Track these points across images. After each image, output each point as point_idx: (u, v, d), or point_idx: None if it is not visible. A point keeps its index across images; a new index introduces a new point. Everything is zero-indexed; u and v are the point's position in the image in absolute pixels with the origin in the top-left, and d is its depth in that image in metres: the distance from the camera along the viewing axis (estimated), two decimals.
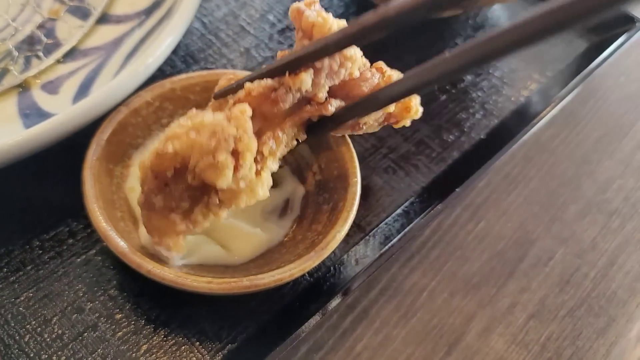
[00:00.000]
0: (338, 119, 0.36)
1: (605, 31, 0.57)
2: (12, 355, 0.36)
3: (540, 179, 0.49)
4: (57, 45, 0.45)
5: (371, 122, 0.37)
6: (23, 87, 0.43)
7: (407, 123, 0.39)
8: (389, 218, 0.43)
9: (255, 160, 0.32)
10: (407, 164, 0.46)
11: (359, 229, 0.43)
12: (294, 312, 0.39)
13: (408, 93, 0.34)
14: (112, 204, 0.39)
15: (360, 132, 0.39)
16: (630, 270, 0.45)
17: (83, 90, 0.42)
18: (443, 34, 0.55)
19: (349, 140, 0.41)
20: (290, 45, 0.53)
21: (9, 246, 0.40)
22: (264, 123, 0.34)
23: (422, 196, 0.44)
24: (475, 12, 0.58)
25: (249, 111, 0.32)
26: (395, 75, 0.37)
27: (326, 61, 0.33)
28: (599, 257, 0.46)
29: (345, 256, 0.41)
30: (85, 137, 0.39)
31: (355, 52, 0.34)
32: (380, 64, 0.38)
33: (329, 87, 0.35)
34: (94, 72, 0.43)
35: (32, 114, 0.41)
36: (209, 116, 0.32)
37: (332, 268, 0.40)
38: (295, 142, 0.36)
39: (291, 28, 0.54)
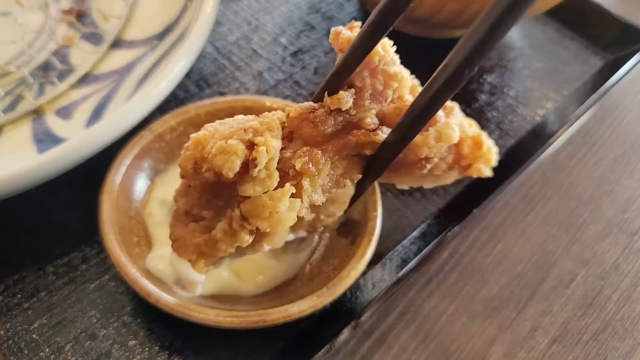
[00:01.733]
0: (392, 147, 0.31)
1: (620, 49, 0.56)
2: None
3: (559, 199, 0.49)
4: (70, 71, 0.45)
5: (436, 159, 0.33)
6: (37, 113, 0.43)
7: (482, 171, 0.34)
8: (406, 240, 0.43)
9: (286, 174, 0.30)
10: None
11: (375, 253, 0.42)
12: (309, 338, 0.38)
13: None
14: (129, 230, 0.38)
15: (425, 182, 0.35)
16: None
17: (96, 115, 0.42)
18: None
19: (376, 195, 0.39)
20: (303, 68, 0.53)
21: (22, 272, 0.39)
22: (304, 146, 0.31)
23: (439, 218, 0.44)
24: None
25: (279, 115, 0.30)
26: (457, 108, 0.34)
27: (367, 80, 0.30)
28: (622, 279, 0.45)
29: (361, 280, 0.40)
30: (99, 161, 0.39)
31: (400, 70, 0.31)
32: None
33: (380, 116, 0.32)
34: (106, 97, 0.44)
35: (45, 140, 0.41)
36: (241, 116, 0.31)
37: (348, 293, 0.40)
38: (348, 183, 0.32)
39: (303, 50, 0.54)
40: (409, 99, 0.33)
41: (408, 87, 0.32)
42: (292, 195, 0.29)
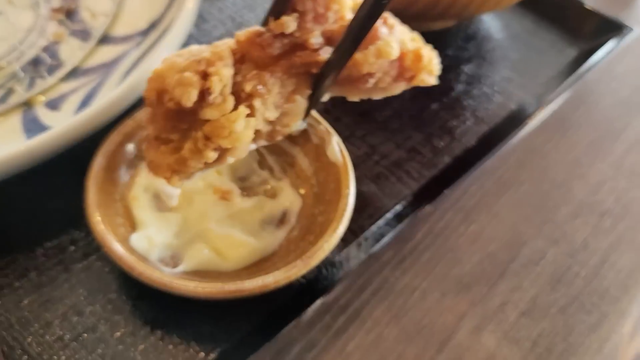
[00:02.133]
0: (334, 65, 0.35)
1: (595, 38, 0.58)
2: (15, 356, 0.37)
3: (532, 182, 0.50)
4: (60, 65, 0.48)
5: (379, 74, 0.36)
6: (27, 105, 0.45)
7: (426, 81, 0.38)
8: (380, 220, 0.44)
9: (239, 97, 0.33)
10: (399, 170, 0.48)
11: (351, 232, 0.44)
12: (286, 312, 0.40)
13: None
14: (114, 212, 0.40)
15: (373, 94, 0.38)
16: (623, 268, 0.46)
17: (84, 106, 0.45)
18: (435, 45, 0.57)
19: (345, 153, 0.42)
20: None
21: (13, 254, 0.41)
22: (254, 68, 0.34)
23: (413, 199, 0.46)
24: (466, 24, 0.60)
25: (230, 43, 0.33)
26: (398, 24, 0.37)
27: (309, 4, 0.34)
28: (590, 257, 0.46)
29: (337, 258, 0.42)
30: (86, 150, 0.41)
31: None
32: (384, 15, 0.37)
33: (327, 36, 0.35)
34: (94, 89, 0.46)
35: (35, 129, 0.43)
36: (195, 47, 0.34)
37: (324, 270, 0.41)
38: (298, 98, 0.36)
39: None
40: (350, 17, 0.36)
41: (349, 7, 0.35)
42: (247, 115, 0.33)
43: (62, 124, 0.41)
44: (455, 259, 0.45)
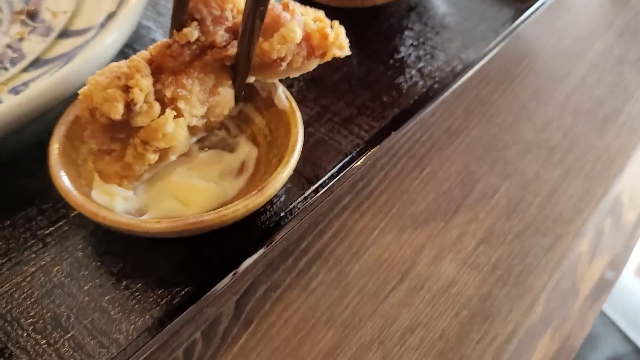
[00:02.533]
0: (242, 55, 0.39)
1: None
2: None
3: (481, 128, 0.53)
4: (21, 57, 0.50)
5: (290, 57, 0.40)
6: None
7: (338, 54, 0.41)
8: (336, 168, 0.46)
9: (164, 102, 0.37)
10: (351, 124, 0.50)
11: (308, 182, 0.45)
12: (248, 255, 0.41)
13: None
14: (78, 174, 0.42)
15: (291, 74, 0.41)
16: (574, 194, 0.47)
17: None
18: (378, 16, 0.60)
19: (293, 101, 0.44)
20: None
21: None
22: (172, 75, 0.38)
23: (366, 147, 0.47)
24: None
25: (144, 55, 0.37)
26: (298, 8, 0.41)
27: (204, 10, 0.37)
28: (542, 186, 0.48)
29: (296, 204, 0.44)
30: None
31: None
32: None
33: (232, 31, 0.39)
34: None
35: None
36: (114, 64, 0.37)
37: (285, 216, 0.43)
38: (220, 90, 0.40)
39: None
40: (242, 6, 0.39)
41: (242, 1, 0.38)
42: (175, 117, 0.37)
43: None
44: (411, 199, 0.47)
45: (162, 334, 0.37)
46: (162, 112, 0.37)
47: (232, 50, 0.39)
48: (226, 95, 0.41)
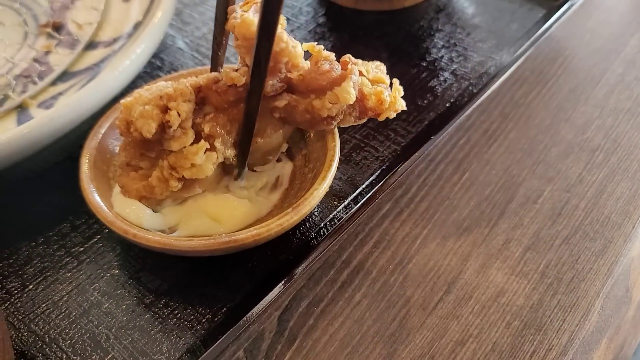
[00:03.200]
0: (292, 111, 0.38)
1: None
2: (23, 337, 0.37)
3: (519, 130, 0.51)
4: (49, 71, 0.50)
5: (342, 116, 0.38)
6: (21, 108, 0.47)
7: (393, 115, 0.39)
8: (373, 176, 0.45)
9: (200, 135, 0.37)
10: (386, 129, 0.48)
11: (347, 189, 0.44)
12: (289, 269, 0.40)
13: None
14: (108, 187, 0.41)
15: (347, 125, 0.40)
16: (621, 196, 0.46)
17: None
18: (407, 19, 0.59)
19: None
20: None
21: (15, 245, 0.42)
22: (214, 110, 0.38)
23: (403, 152, 0.46)
24: None
25: (194, 82, 0.37)
26: (358, 66, 0.38)
27: None
28: (587, 189, 0.46)
29: (335, 213, 0.42)
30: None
31: (287, 44, 0.36)
32: (346, 57, 0.39)
33: (285, 82, 0.37)
34: (82, 88, 0.47)
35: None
36: (162, 82, 0.37)
37: (324, 228, 0.42)
38: (259, 140, 0.39)
39: None
40: (305, 65, 0.38)
41: (300, 56, 0.37)
42: (208, 150, 0.36)
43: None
44: (453, 206, 0.46)
45: (206, 355, 0.35)
46: (197, 141, 0.37)
47: (282, 102, 0.38)
48: (272, 141, 0.40)
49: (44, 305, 0.39)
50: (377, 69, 0.40)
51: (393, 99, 0.39)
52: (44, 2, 0.57)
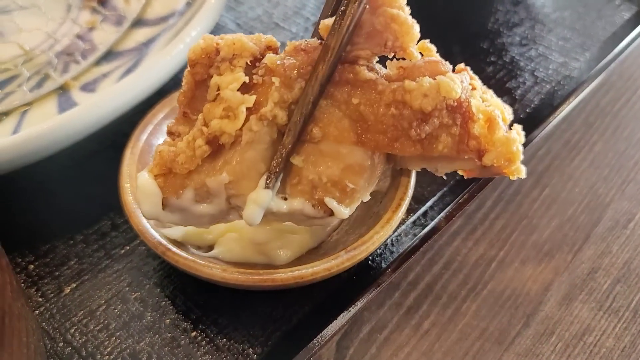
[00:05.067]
0: (372, 103, 0.30)
1: None
2: (58, 348, 0.34)
3: (605, 142, 0.46)
4: (93, 50, 0.46)
5: (436, 121, 0.29)
6: (63, 89, 0.43)
7: (507, 168, 0.29)
8: (444, 188, 0.40)
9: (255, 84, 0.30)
10: None
11: (414, 202, 0.40)
12: (351, 290, 0.36)
13: None
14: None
15: (445, 167, 0.31)
16: None
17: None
18: (481, 11, 0.53)
19: None
20: None
21: (53, 242, 0.38)
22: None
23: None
24: None
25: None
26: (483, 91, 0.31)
27: (367, 16, 0.29)
28: None
29: (402, 229, 0.38)
30: (126, 137, 0.38)
31: (406, 16, 0.29)
32: (460, 65, 0.31)
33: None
34: (128, 70, 0.43)
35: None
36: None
37: (388, 243, 0.37)
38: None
39: None
40: (417, 56, 0.30)
41: (414, 38, 0.29)
42: (257, 103, 0.30)
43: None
44: (532, 225, 0.41)
45: None
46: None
47: (362, 74, 0.30)
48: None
49: (80, 313, 0.35)
50: (495, 100, 0.31)
51: (510, 138, 0.28)
52: None
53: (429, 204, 0.40)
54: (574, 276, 0.38)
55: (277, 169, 0.30)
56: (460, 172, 0.32)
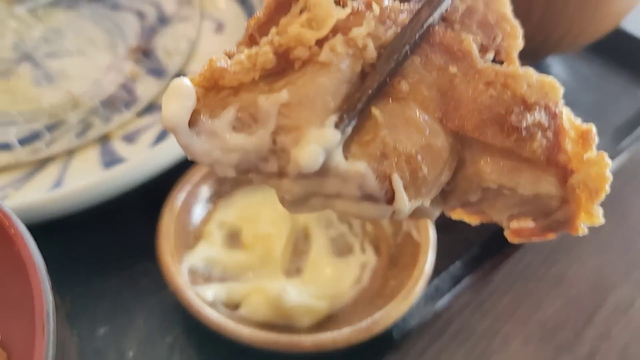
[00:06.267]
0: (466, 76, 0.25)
1: None
2: None
3: (613, 226, 0.48)
4: (136, 101, 0.49)
5: (537, 115, 0.24)
6: (105, 139, 0.46)
7: (590, 219, 0.26)
8: (458, 262, 0.43)
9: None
10: None
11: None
12: (361, 356, 0.38)
13: None
14: (186, 244, 0.40)
15: (527, 186, 0.26)
16: None
17: (159, 140, 0.45)
18: None
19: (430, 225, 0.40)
20: None
21: (89, 281, 0.41)
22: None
23: (489, 241, 0.44)
24: (534, 68, 0.59)
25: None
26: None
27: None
28: None
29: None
30: (162, 188, 0.41)
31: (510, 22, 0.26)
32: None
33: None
34: None
35: (112, 162, 0.43)
36: None
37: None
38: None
39: None
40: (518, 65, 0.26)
41: (520, 45, 0.26)
42: (347, 29, 0.24)
43: (138, 156, 0.41)
44: (537, 302, 0.43)
45: None
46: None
47: (468, 43, 0.25)
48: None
49: (113, 354, 0.38)
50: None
51: (600, 155, 0.25)
52: (134, 21, 0.56)
53: (442, 275, 0.42)
54: (575, 356, 0.40)
55: (355, 109, 0.24)
56: (509, 238, 0.28)
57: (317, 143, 0.23)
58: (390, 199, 0.24)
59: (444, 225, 0.44)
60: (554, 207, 0.26)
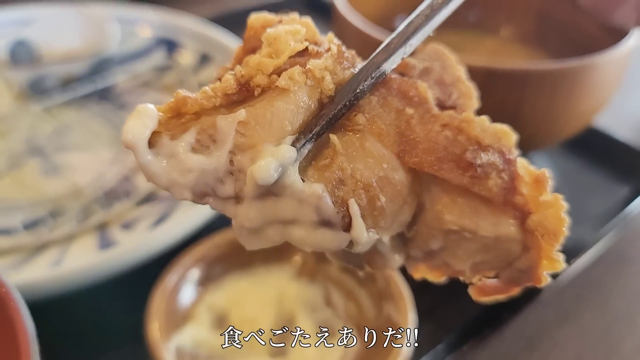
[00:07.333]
0: (422, 120, 0.27)
1: None
2: None
3: (593, 313, 0.49)
4: (136, 191, 0.52)
5: (490, 156, 0.26)
6: (104, 226, 0.48)
7: (549, 258, 0.27)
8: (439, 346, 0.44)
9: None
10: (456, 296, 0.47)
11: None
12: None
13: None
14: (175, 324, 0.41)
15: (488, 227, 0.27)
16: None
17: (156, 226, 0.48)
18: None
19: (410, 307, 0.42)
20: None
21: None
22: None
23: (472, 325, 0.45)
24: None
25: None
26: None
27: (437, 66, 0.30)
28: None
29: None
30: (152, 271, 0.43)
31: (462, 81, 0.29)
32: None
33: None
34: (166, 212, 0.49)
35: (109, 247, 0.46)
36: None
37: None
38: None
39: None
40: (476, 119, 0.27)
41: (475, 105, 0.29)
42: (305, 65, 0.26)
43: (134, 241, 0.44)
44: None
45: None
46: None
47: (421, 89, 0.28)
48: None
49: None
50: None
51: (555, 197, 0.27)
52: None
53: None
54: None
55: (312, 132, 0.25)
56: (474, 296, 0.29)
57: (273, 156, 0.24)
58: (348, 225, 0.25)
59: (425, 310, 0.46)
60: (515, 253, 0.27)
